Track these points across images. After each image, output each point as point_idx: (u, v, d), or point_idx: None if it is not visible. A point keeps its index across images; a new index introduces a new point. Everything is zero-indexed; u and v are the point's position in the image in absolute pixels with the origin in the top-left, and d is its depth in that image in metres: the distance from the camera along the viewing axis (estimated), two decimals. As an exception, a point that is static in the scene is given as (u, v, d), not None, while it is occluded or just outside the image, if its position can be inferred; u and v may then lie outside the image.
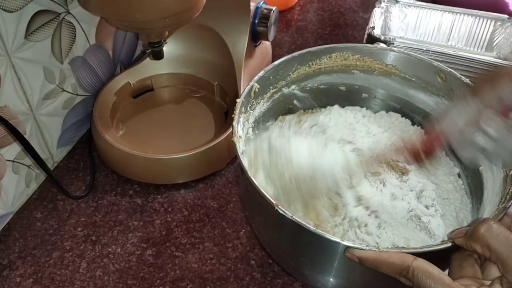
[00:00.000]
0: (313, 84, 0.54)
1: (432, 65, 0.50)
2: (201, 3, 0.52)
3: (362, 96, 0.56)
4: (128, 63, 0.73)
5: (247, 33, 0.66)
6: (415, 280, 0.32)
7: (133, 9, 0.47)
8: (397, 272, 0.33)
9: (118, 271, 0.51)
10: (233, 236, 0.55)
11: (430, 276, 0.31)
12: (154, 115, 0.67)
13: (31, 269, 0.51)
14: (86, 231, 0.55)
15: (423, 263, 0.32)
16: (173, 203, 0.58)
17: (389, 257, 0.33)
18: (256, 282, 0.50)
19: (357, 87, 0.56)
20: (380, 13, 0.73)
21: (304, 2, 0.96)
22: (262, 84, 0.48)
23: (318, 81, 0.54)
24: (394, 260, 0.33)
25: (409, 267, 0.32)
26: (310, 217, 0.44)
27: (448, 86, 0.50)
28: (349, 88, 0.56)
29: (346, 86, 0.56)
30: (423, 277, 0.31)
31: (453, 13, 0.73)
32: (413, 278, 0.32)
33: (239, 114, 0.44)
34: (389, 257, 0.33)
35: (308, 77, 0.53)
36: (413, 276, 0.32)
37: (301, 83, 0.54)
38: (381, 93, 0.56)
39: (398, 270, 0.33)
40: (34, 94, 0.55)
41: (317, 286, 0.43)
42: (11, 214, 0.56)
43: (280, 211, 0.36)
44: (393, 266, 0.33)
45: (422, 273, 0.32)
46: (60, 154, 0.63)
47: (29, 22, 0.51)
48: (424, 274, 0.31)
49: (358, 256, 0.34)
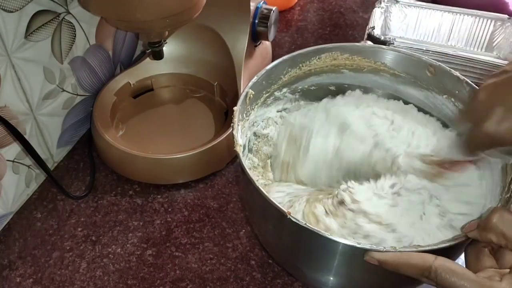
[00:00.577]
0: (304, 86, 0.55)
1: (421, 60, 0.51)
2: (201, 3, 0.52)
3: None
4: (128, 63, 0.73)
5: (247, 33, 0.66)
6: (438, 279, 0.32)
7: (133, 9, 0.47)
8: (419, 273, 0.33)
9: (118, 271, 0.51)
10: (233, 236, 0.55)
11: (454, 274, 0.31)
12: (154, 115, 0.67)
13: (31, 269, 0.51)
14: (86, 231, 0.55)
15: (445, 262, 0.32)
16: (173, 203, 0.58)
17: (409, 258, 0.33)
18: (256, 282, 0.50)
19: (346, 86, 0.56)
20: (380, 13, 0.73)
21: (304, 2, 0.96)
22: (255, 90, 0.48)
23: (309, 82, 0.55)
24: (415, 261, 0.33)
25: (431, 267, 0.32)
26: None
27: (438, 80, 0.50)
28: (338, 87, 0.56)
29: (336, 86, 0.56)
30: (447, 276, 0.31)
31: (453, 13, 0.73)
32: (436, 278, 0.32)
33: (238, 122, 0.44)
34: (409, 258, 0.33)
35: (299, 79, 0.54)
36: (436, 276, 0.32)
37: (292, 85, 0.54)
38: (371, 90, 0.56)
39: (420, 271, 0.32)
40: (34, 94, 0.55)
41: (318, 285, 0.44)
42: (11, 214, 0.56)
43: (293, 219, 0.35)
44: (415, 267, 0.33)
45: (446, 272, 0.31)
46: (60, 154, 0.63)
47: (29, 22, 0.51)
48: (447, 272, 0.31)
49: (378, 259, 0.34)
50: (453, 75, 0.49)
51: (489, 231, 0.33)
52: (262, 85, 0.50)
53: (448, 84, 0.49)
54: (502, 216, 0.32)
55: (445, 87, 0.50)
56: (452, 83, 0.49)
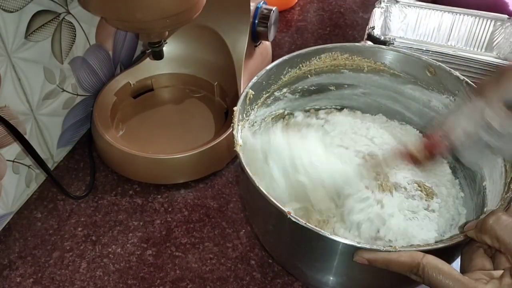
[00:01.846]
0: (304, 86, 0.55)
1: (421, 60, 0.51)
2: (201, 3, 0.52)
3: (350, 94, 0.57)
4: (128, 63, 0.73)
5: (247, 33, 0.66)
6: (425, 276, 0.32)
7: (133, 9, 0.47)
8: (407, 270, 0.33)
9: (118, 271, 0.51)
10: (233, 236, 0.55)
11: (440, 272, 0.32)
12: (154, 115, 0.67)
13: (31, 269, 0.51)
14: (86, 231, 0.55)
15: (433, 259, 0.32)
16: (173, 203, 0.58)
17: (399, 256, 0.34)
18: (256, 282, 0.50)
19: (346, 86, 0.56)
20: (380, 13, 0.73)
21: (304, 2, 0.96)
22: (255, 90, 0.49)
23: (308, 82, 0.55)
24: (404, 259, 0.33)
25: (419, 264, 0.32)
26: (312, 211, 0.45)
27: (438, 80, 0.50)
28: (338, 88, 0.56)
29: (336, 86, 0.56)
30: (433, 273, 0.32)
31: (453, 13, 0.73)
32: (423, 275, 0.32)
33: (238, 122, 0.44)
34: (399, 256, 0.34)
35: (299, 79, 0.54)
36: (424, 273, 0.32)
37: (292, 85, 0.54)
38: (370, 90, 0.56)
39: (409, 268, 0.33)
40: (34, 94, 0.55)
41: (318, 284, 0.44)
42: (11, 214, 0.56)
43: (293, 219, 0.36)
44: (404, 265, 0.33)
45: (432, 270, 0.32)
46: (60, 154, 0.63)
47: (29, 22, 0.51)
48: (434, 270, 0.32)
49: (368, 258, 0.34)
50: (453, 75, 0.49)
51: (484, 233, 0.33)
52: (262, 85, 0.50)
53: (448, 84, 0.50)
54: (499, 219, 0.32)
55: (445, 87, 0.50)
56: (452, 83, 0.49)
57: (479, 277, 0.32)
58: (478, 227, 0.34)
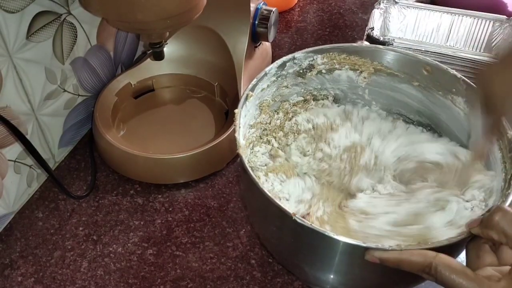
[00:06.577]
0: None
1: (417, 59, 0.51)
2: (201, 4, 0.52)
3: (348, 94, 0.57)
4: (129, 63, 0.74)
5: (247, 34, 0.66)
6: (438, 276, 0.32)
7: (134, 10, 0.48)
8: (419, 269, 0.33)
9: (119, 270, 0.52)
10: (234, 235, 0.55)
11: (454, 271, 0.32)
12: (155, 115, 0.68)
13: (33, 268, 0.52)
14: (87, 230, 0.55)
15: (445, 259, 0.33)
16: (173, 202, 0.58)
17: (410, 255, 0.34)
18: (256, 281, 0.51)
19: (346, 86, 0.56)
20: (379, 14, 0.73)
21: (304, 3, 0.96)
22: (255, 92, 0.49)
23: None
24: (416, 258, 0.33)
25: (432, 264, 0.33)
26: None
27: (434, 78, 0.51)
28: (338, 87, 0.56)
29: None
30: (446, 273, 0.32)
31: (452, 14, 0.73)
32: (436, 274, 0.32)
33: (239, 124, 0.45)
34: (410, 255, 0.34)
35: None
36: (436, 272, 0.32)
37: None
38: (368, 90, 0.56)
39: (421, 267, 0.33)
40: (35, 95, 0.55)
41: (318, 283, 0.44)
42: (12, 213, 0.56)
43: (299, 220, 0.36)
44: (415, 264, 0.33)
45: (446, 269, 0.32)
46: (62, 154, 0.63)
47: (30, 23, 0.52)
48: (447, 269, 0.32)
49: (379, 257, 0.34)
50: (450, 73, 0.49)
51: (490, 229, 0.33)
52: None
53: (445, 83, 0.50)
54: (505, 214, 0.33)
55: (442, 85, 0.50)
56: (449, 81, 0.49)
57: (489, 274, 0.32)
58: (484, 223, 0.34)
